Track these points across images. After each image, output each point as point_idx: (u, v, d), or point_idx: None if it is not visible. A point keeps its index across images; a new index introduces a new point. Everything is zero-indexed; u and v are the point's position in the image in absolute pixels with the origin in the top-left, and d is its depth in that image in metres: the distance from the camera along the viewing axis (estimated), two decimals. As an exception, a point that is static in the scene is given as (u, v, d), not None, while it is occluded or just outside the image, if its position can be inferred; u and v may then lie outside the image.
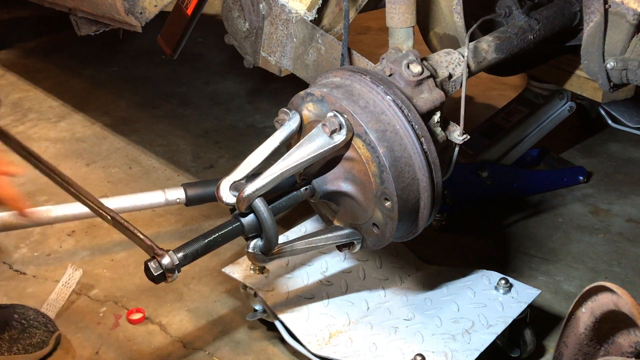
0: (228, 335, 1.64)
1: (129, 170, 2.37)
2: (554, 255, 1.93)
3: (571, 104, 2.15)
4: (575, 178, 2.24)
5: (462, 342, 1.42)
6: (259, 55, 1.71)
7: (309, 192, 1.32)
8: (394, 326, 1.50)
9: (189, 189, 1.79)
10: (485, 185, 2.06)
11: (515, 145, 2.19)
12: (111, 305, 1.74)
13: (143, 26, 1.97)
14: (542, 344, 1.60)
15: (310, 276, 1.61)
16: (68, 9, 2.26)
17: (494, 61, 1.50)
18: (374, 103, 1.23)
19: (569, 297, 1.75)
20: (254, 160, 1.30)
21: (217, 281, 1.81)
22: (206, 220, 2.08)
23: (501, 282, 1.54)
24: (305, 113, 1.31)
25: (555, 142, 2.42)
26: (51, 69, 3.21)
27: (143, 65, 3.26)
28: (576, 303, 1.10)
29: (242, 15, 1.69)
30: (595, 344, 1.12)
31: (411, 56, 1.31)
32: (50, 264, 1.89)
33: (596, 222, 2.07)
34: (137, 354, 1.60)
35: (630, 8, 1.45)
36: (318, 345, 1.47)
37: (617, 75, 1.54)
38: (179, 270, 1.23)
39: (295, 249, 1.33)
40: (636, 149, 2.47)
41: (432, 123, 1.32)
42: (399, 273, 1.67)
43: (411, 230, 1.31)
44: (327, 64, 1.55)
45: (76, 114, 2.79)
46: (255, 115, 2.78)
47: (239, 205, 1.23)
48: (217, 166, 2.40)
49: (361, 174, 1.25)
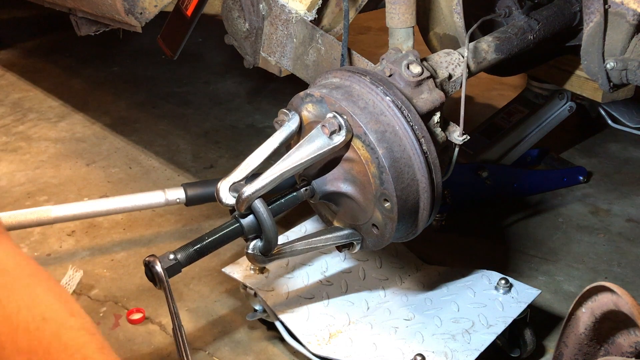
0: (228, 335, 1.64)
1: (129, 170, 2.37)
2: (554, 255, 1.93)
3: (571, 104, 2.15)
4: (575, 178, 2.24)
5: (462, 342, 1.42)
6: (259, 56, 1.71)
7: (308, 193, 1.32)
8: (394, 326, 1.50)
9: (189, 189, 1.79)
10: (485, 185, 2.06)
11: (515, 145, 2.19)
12: (111, 305, 1.74)
13: (143, 26, 1.97)
14: (542, 344, 1.60)
15: (310, 276, 1.61)
16: (68, 9, 2.26)
17: (494, 61, 1.50)
18: (373, 104, 1.23)
19: (569, 297, 1.75)
20: (253, 161, 1.30)
21: (217, 281, 1.81)
22: (206, 220, 2.08)
23: (501, 282, 1.54)
24: (304, 114, 1.31)
25: (555, 142, 2.42)
26: (51, 69, 3.21)
27: (143, 65, 3.26)
28: (576, 303, 1.10)
29: (242, 15, 1.69)
30: (595, 344, 1.12)
31: (411, 56, 1.31)
32: (50, 264, 1.89)
33: (596, 222, 2.07)
34: (137, 354, 1.60)
35: (630, 8, 1.45)
36: (318, 345, 1.47)
37: (617, 76, 1.54)
38: (179, 271, 1.23)
39: (295, 249, 1.33)
40: (636, 149, 2.47)
41: (432, 123, 1.32)
42: (399, 273, 1.67)
43: (411, 230, 1.31)
44: (327, 64, 1.55)
45: (76, 114, 2.79)
46: (255, 115, 2.78)
47: (238, 206, 1.23)
48: (217, 166, 2.40)
49: (361, 175, 1.25)
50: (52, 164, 2.41)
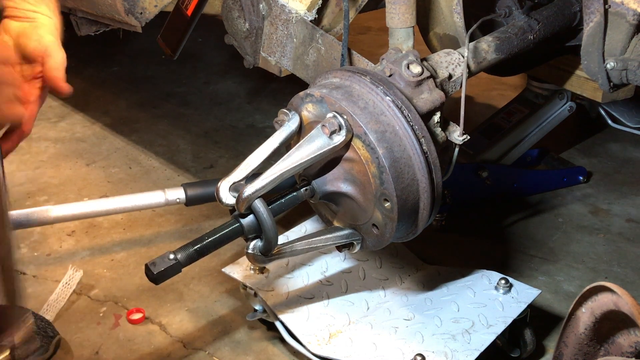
0: (228, 335, 1.64)
1: (129, 170, 2.37)
2: (554, 255, 1.93)
3: (571, 104, 2.15)
4: (575, 178, 2.24)
5: (462, 342, 1.42)
6: (259, 56, 1.71)
7: (308, 193, 1.32)
8: (394, 326, 1.50)
9: (189, 189, 1.79)
10: (485, 185, 2.06)
11: (515, 145, 2.19)
12: (111, 305, 1.74)
13: (143, 26, 1.97)
14: (542, 344, 1.60)
15: (310, 276, 1.61)
16: (68, 9, 2.26)
17: (494, 61, 1.50)
18: (373, 104, 1.23)
19: (569, 297, 1.75)
20: (253, 161, 1.30)
21: (217, 281, 1.81)
22: (206, 220, 2.08)
23: (501, 282, 1.54)
24: (304, 114, 1.31)
25: (555, 142, 2.41)
26: (51, 69, 3.20)
27: (143, 65, 3.26)
28: (576, 303, 1.10)
29: (242, 15, 1.69)
30: (595, 344, 1.12)
31: (411, 56, 1.31)
32: (50, 264, 1.89)
33: (596, 222, 2.07)
34: (137, 354, 1.60)
35: (630, 8, 1.45)
36: (318, 345, 1.47)
37: (617, 76, 1.53)
38: (179, 271, 1.23)
39: (295, 249, 1.33)
40: (636, 149, 2.47)
41: (432, 123, 1.32)
42: (399, 273, 1.67)
43: (411, 230, 1.31)
44: (327, 64, 1.55)
45: (76, 114, 2.79)
46: (255, 115, 2.78)
47: (238, 206, 1.23)
48: (217, 166, 2.40)
49: (361, 175, 1.25)
50: (52, 164, 2.41)
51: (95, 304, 1.75)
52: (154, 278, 1.21)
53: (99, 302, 1.75)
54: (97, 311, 1.72)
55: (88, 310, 1.72)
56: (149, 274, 1.22)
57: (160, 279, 1.22)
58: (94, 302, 1.76)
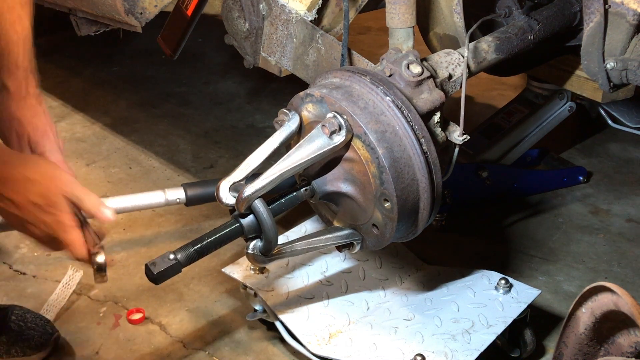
0: (228, 335, 1.64)
1: (129, 170, 2.37)
2: (554, 255, 1.93)
3: (571, 104, 2.15)
4: (575, 178, 2.24)
5: (462, 342, 1.42)
6: (259, 56, 1.71)
7: (308, 193, 1.32)
8: (394, 326, 1.50)
9: (189, 189, 1.78)
10: (485, 185, 2.06)
11: (515, 145, 2.19)
12: (111, 305, 1.74)
13: (143, 26, 1.97)
14: (542, 344, 1.60)
15: (310, 276, 1.61)
16: (68, 9, 2.26)
17: (494, 61, 1.50)
18: (373, 104, 1.23)
19: (569, 297, 1.75)
20: (253, 161, 1.30)
21: (217, 281, 1.81)
22: (206, 220, 2.08)
23: (501, 282, 1.54)
24: (304, 114, 1.31)
25: (555, 142, 2.41)
26: (51, 69, 3.21)
27: (143, 65, 3.26)
28: (576, 303, 1.10)
29: (242, 15, 1.69)
30: (595, 344, 1.12)
31: (411, 56, 1.30)
32: (50, 264, 1.89)
33: (596, 222, 2.07)
34: (137, 354, 1.60)
35: (630, 8, 1.45)
36: (318, 345, 1.47)
37: (617, 76, 1.53)
38: (179, 271, 1.23)
39: (295, 249, 1.33)
40: (636, 149, 2.47)
41: (432, 123, 1.32)
42: (399, 273, 1.67)
43: (411, 230, 1.31)
44: (327, 64, 1.55)
45: (76, 114, 2.79)
46: (255, 115, 2.78)
47: (238, 207, 1.23)
48: (217, 166, 2.40)
49: (361, 175, 1.25)
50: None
51: (95, 304, 1.75)
52: (154, 278, 1.21)
53: (99, 302, 1.75)
54: (97, 311, 1.72)
55: (88, 310, 1.72)
56: (149, 274, 1.22)
57: (160, 279, 1.22)
58: (94, 302, 1.76)
